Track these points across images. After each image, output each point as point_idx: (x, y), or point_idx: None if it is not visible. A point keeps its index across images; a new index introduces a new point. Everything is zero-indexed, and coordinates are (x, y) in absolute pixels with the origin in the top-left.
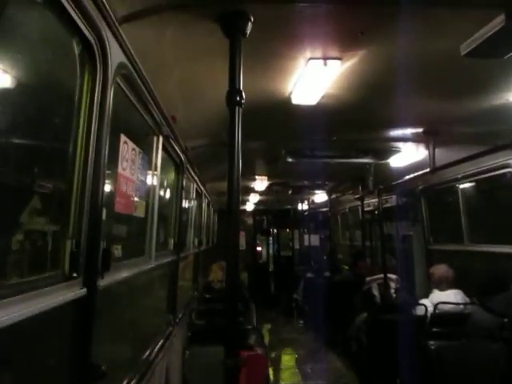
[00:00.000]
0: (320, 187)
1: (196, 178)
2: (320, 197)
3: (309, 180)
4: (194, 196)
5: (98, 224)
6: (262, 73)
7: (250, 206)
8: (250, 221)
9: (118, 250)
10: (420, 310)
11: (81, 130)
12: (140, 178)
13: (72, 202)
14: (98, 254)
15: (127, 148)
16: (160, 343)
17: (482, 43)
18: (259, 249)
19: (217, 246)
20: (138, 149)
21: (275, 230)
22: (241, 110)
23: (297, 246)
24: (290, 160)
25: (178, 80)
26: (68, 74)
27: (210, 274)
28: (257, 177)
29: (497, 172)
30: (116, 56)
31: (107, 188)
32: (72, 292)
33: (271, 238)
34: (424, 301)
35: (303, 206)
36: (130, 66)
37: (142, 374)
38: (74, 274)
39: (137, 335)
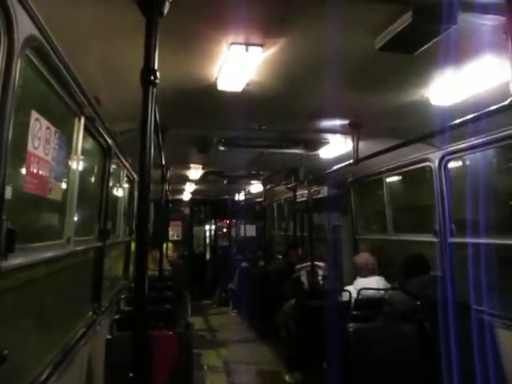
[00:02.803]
0: (255, 177)
1: (127, 165)
2: (256, 187)
3: (244, 170)
4: (125, 183)
5: None
6: (185, 56)
7: (186, 196)
8: (186, 210)
9: (29, 233)
10: (345, 296)
11: None
12: (57, 159)
13: None
14: (0, 233)
15: (39, 126)
16: (81, 331)
17: (393, 38)
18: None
19: (151, 236)
20: (53, 128)
21: (212, 220)
22: (155, 89)
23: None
24: (222, 149)
25: (100, 59)
26: None
27: None
28: (191, 165)
29: (418, 165)
30: (24, 27)
31: (16, 167)
32: None
33: (208, 228)
34: (349, 287)
35: (240, 197)
36: (42, 39)
37: (59, 362)
38: None
39: (52, 322)
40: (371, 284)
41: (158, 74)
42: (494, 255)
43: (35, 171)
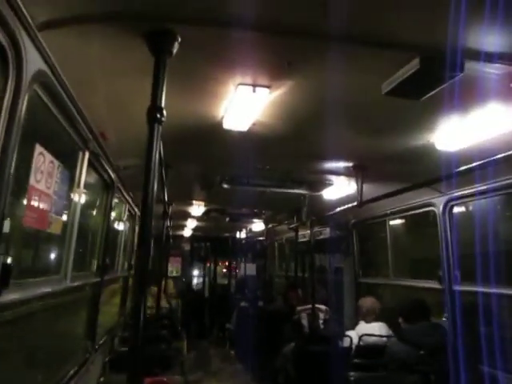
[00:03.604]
0: (257, 216)
1: (129, 200)
2: (258, 226)
3: (246, 208)
4: (126, 218)
5: None
6: (192, 95)
7: (187, 232)
8: (187, 247)
9: (25, 267)
10: (346, 342)
11: None
12: (58, 192)
13: None
14: None
15: (43, 160)
16: (73, 370)
17: (400, 84)
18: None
19: (151, 272)
20: (57, 162)
21: (213, 258)
22: (160, 127)
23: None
24: (225, 186)
25: (107, 96)
26: None
27: None
28: (194, 202)
29: (422, 210)
30: (33, 62)
31: (16, 201)
32: None
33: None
34: (350, 332)
35: (241, 235)
36: (50, 74)
37: None
38: None
39: (44, 361)
40: (373, 330)
41: (164, 112)
42: (502, 305)
43: (35, 205)
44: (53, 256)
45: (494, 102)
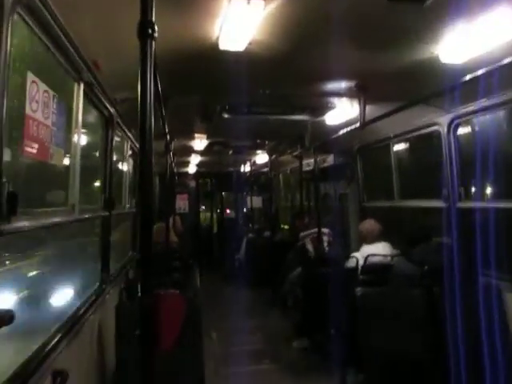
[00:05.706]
0: (260, 147)
1: (131, 137)
2: (261, 158)
3: (248, 139)
4: (129, 155)
5: None
6: (184, 13)
7: (192, 169)
8: (193, 184)
9: (32, 198)
10: (351, 263)
11: None
12: (57, 124)
13: None
14: (1, 196)
15: (36, 89)
16: (90, 300)
17: None
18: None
19: (158, 209)
20: (52, 92)
21: (219, 193)
22: (153, 43)
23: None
24: (226, 116)
25: (97, 20)
26: None
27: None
28: (196, 135)
29: (427, 130)
30: None
31: (14, 130)
32: None
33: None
34: (355, 254)
35: (245, 168)
36: None
37: (68, 329)
38: None
39: (58, 290)
40: (377, 250)
41: (156, 27)
42: (502, 219)
43: (35, 135)
44: (58, 188)
45: (501, 5)
